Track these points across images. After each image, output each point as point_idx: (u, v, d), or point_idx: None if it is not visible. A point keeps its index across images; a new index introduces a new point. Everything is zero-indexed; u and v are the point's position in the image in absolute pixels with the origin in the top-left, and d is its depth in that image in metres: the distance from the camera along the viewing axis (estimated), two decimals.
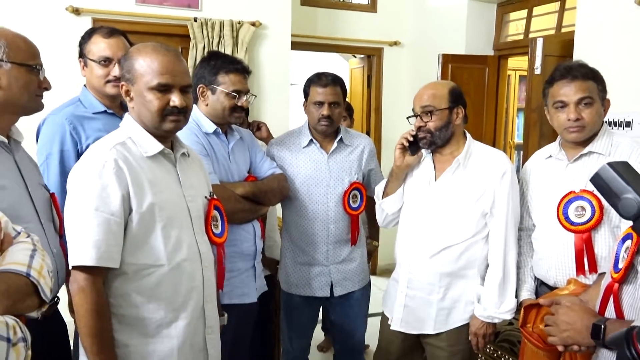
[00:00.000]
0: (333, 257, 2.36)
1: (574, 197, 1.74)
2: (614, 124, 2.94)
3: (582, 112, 1.74)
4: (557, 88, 1.79)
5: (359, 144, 2.42)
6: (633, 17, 2.82)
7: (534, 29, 4.04)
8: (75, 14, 3.42)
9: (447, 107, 1.94)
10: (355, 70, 5.46)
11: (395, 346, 2.11)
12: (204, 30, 3.63)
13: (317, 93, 2.27)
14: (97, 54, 1.98)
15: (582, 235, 1.72)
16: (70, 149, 1.90)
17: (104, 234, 1.32)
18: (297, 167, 2.33)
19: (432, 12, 4.63)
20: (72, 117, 1.92)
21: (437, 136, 1.95)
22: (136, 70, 1.41)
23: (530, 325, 1.55)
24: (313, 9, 4.64)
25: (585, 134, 1.77)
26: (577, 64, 1.82)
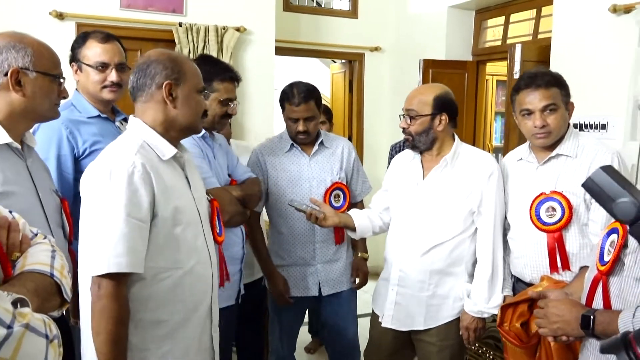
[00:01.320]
0: (320, 256, 2.41)
1: (544, 199, 1.82)
2: (590, 126, 3.05)
3: (547, 118, 1.82)
4: (522, 96, 1.86)
5: (339, 145, 2.48)
6: (607, 24, 2.94)
7: (511, 35, 4.16)
8: (59, 18, 3.41)
9: (430, 114, 1.99)
10: (336, 76, 5.52)
11: (386, 343, 2.16)
12: (189, 35, 3.65)
13: (291, 110, 2.32)
14: (93, 59, 1.97)
15: (553, 235, 1.80)
16: (67, 153, 1.89)
17: (136, 241, 1.32)
18: (281, 171, 2.38)
19: (412, 19, 4.72)
20: (68, 122, 1.92)
21: (418, 140, 2.01)
22: (182, 76, 1.47)
23: (507, 324, 1.61)
24: (295, 15, 4.69)
25: (552, 139, 1.86)
26: (541, 72, 1.89)
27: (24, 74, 1.43)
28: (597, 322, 1.24)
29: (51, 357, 0.79)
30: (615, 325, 1.19)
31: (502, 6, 4.12)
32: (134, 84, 1.47)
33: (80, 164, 1.92)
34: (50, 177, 1.66)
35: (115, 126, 2.09)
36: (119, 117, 2.12)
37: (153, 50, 1.52)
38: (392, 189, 2.19)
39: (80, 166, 1.93)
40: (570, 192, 1.80)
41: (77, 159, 1.93)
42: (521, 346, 1.54)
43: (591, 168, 1.78)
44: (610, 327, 1.21)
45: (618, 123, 2.89)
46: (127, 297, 1.34)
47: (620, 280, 1.26)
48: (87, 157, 1.93)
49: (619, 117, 2.88)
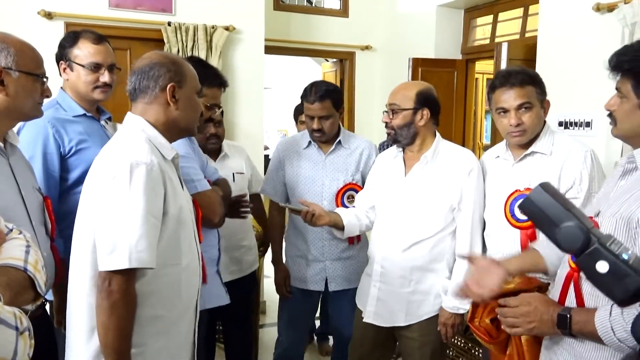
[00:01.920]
0: (329, 252, 2.47)
1: (519, 195, 1.85)
2: (575, 124, 3.08)
3: (522, 116, 1.84)
4: (498, 95, 1.88)
5: (359, 147, 2.52)
6: (591, 22, 2.97)
7: (500, 33, 4.18)
8: (48, 18, 3.41)
9: (412, 108, 2.02)
10: (328, 74, 5.54)
11: (369, 338, 2.19)
12: (177, 34, 3.66)
13: (307, 108, 2.41)
14: (86, 60, 1.98)
15: (526, 232, 1.82)
16: (53, 151, 1.90)
17: (154, 237, 1.36)
18: (298, 167, 2.48)
19: (402, 18, 4.74)
20: (54, 120, 1.92)
21: (399, 134, 2.05)
22: (186, 75, 1.52)
23: (478, 319, 1.62)
24: (286, 14, 4.71)
25: (527, 137, 1.88)
26: (515, 70, 1.91)
27: (7, 73, 1.44)
28: (573, 321, 1.24)
29: (21, 348, 0.81)
30: (592, 325, 1.19)
31: (490, 5, 4.15)
32: (136, 85, 1.48)
33: (67, 162, 1.94)
34: (33, 175, 1.68)
35: (101, 125, 2.10)
36: (104, 116, 2.13)
37: (154, 52, 1.55)
38: (376, 186, 2.22)
39: (66, 164, 1.94)
40: None
41: (63, 157, 1.94)
42: (490, 342, 1.56)
43: (564, 165, 1.81)
44: (587, 327, 1.21)
45: (602, 121, 2.92)
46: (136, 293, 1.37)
47: None
48: (73, 155, 1.94)
49: (603, 115, 2.89)
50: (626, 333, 1.13)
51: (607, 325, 1.16)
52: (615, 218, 1.22)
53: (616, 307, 1.16)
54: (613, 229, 1.21)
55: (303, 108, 2.48)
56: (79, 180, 1.94)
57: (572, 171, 1.79)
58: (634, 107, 1.24)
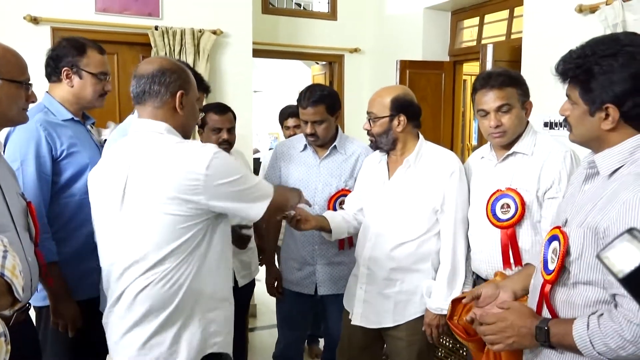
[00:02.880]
0: (319, 257, 2.48)
1: (500, 195, 1.86)
2: (560, 124, 3.11)
3: (501, 118, 1.86)
4: (479, 97, 1.90)
5: (355, 152, 2.51)
6: (574, 23, 3.00)
7: (487, 35, 4.22)
8: (34, 23, 3.41)
9: (388, 116, 2.04)
10: (317, 77, 5.56)
11: (357, 339, 2.20)
12: (165, 38, 3.66)
13: (301, 112, 2.42)
14: (97, 69, 2.04)
15: (507, 231, 1.84)
16: (46, 154, 1.91)
17: None
18: (292, 170, 2.49)
19: (390, 20, 4.77)
20: (46, 124, 1.93)
21: (379, 141, 2.07)
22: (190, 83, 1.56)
23: (457, 317, 1.63)
24: (275, 17, 4.73)
25: (507, 138, 1.89)
26: (496, 72, 1.93)
27: None
28: (552, 334, 1.23)
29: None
30: (571, 338, 1.19)
31: (476, 7, 4.18)
32: (146, 88, 1.50)
33: (58, 165, 1.95)
34: (16, 181, 1.68)
35: (87, 129, 2.12)
36: (89, 121, 2.16)
37: (162, 58, 1.64)
38: (363, 190, 2.23)
39: (58, 167, 1.95)
40: (524, 189, 1.84)
41: (55, 160, 1.95)
42: (468, 339, 1.57)
43: (544, 165, 1.83)
44: (565, 340, 1.21)
45: None
46: None
47: (566, 289, 1.26)
48: (65, 158, 1.96)
49: None
50: (605, 347, 1.13)
51: (585, 338, 1.16)
52: (583, 229, 1.20)
53: (594, 318, 1.16)
54: (582, 239, 1.20)
55: (290, 112, 2.50)
56: (68, 183, 1.97)
57: (552, 171, 1.81)
58: (583, 114, 1.23)
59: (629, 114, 1.18)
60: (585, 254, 1.20)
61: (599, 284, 1.19)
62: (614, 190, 1.17)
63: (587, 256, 1.19)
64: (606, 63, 1.17)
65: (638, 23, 2.58)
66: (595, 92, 1.19)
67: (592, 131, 1.24)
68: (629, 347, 1.10)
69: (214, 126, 2.43)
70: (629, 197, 1.11)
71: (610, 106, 1.18)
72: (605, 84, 1.17)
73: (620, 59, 1.16)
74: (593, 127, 1.23)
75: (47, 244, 1.84)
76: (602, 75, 1.17)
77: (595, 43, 1.21)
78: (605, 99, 1.18)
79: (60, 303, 1.91)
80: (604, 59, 1.17)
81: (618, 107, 1.18)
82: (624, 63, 1.16)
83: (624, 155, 1.20)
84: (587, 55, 1.20)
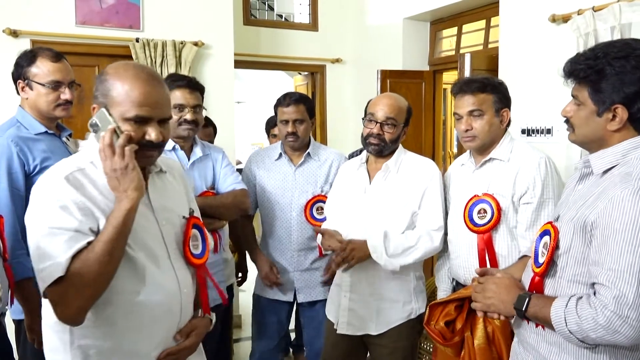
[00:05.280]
0: (297, 264, 2.51)
1: (477, 201, 1.90)
2: (537, 131, 3.17)
3: (472, 123, 1.91)
4: (455, 101, 1.98)
5: (328, 158, 2.57)
6: (548, 33, 3.07)
7: (465, 44, 4.29)
8: (13, 36, 3.39)
9: (403, 123, 2.11)
10: (299, 87, 5.59)
11: (340, 348, 2.21)
12: (146, 50, 3.67)
13: (282, 112, 2.47)
14: (46, 78, 1.98)
15: (483, 236, 1.87)
16: (18, 170, 1.90)
17: None
18: (268, 178, 2.52)
19: (370, 30, 4.83)
20: (17, 139, 1.92)
21: (388, 147, 2.09)
22: (113, 98, 1.28)
23: (434, 322, 1.66)
24: (256, 28, 4.76)
25: (477, 143, 1.94)
26: (473, 79, 2.01)
27: None
28: (531, 304, 1.30)
29: None
30: (547, 311, 1.24)
31: (454, 17, 4.25)
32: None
33: (31, 180, 1.92)
34: None
35: (62, 142, 2.10)
36: (65, 133, 2.14)
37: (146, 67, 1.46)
38: (342, 198, 2.24)
39: (31, 183, 1.92)
40: (500, 195, 1.88)
41: (28, 175, 1.93)
42: (444, 344, 1.60)
43: (520, 171, 1.87)
44: (542, 312, 1.27)
45: (562, 127, 3.00)
46: None
47: (554, 282, 1.31)
48: (38, 173, 1.93)
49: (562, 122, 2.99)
50: (577, 326, 1.18)
51: (561, 315, 1.21)
52: (573, 223, 1.26)
53: (573, 299, 1.21)
54: (572, 232, 1.26)
55: (276, 118, 2.53)
56: None
57: (526, 177, 1.85)
58: (590, 114, 1.28)
59: (636, 116, 1.24)
60: (573, 247, 1.26)
61: (583, 278, 1.24)
62: (604, 187, 1.23)
63: (574, 250, 1.26)
64: (619, 64, 1.22)
65: (608, 32, 2.65)
66: (605, 92, 1.25)
67: (596, 131, 1.28)
68: (599, 330, 1.16)
69: None
70: (615, 194, 1.17)
71: (620, 107, 1.24)
72: (617, 85, 1.23)
73: (633, 61, 1.22)
74: (598, 128, 1.28)
75: (22, 259, 1.81)
76: (614, 76, 1.23)
77: (606, 46, 1.27)
78: (616, 99, 1.23)
79: (35, 319, 1.89)
80: (616, 61, 1.23)
81: (627, 108, 1.23)
82: (635, 65, 1.21)
83: (617, 157, 1.26)
84: (598, 57, 1.25)
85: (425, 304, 2.17)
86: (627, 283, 1.13)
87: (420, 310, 2.14)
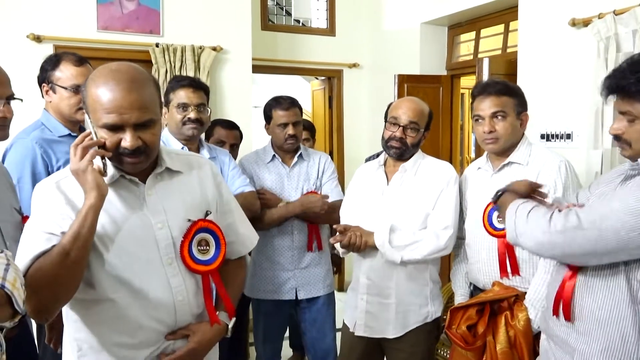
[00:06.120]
0: (297, 262, 2.53)
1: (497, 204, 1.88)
2: (556, 136, 3.14)
3: (495, 125, 1.90)
4: (476, 103, 1.96)
5: (316, 158, 2.63)
6: (568, 37, 3.05)
7: (483, 49, 4.26)
8: (37, 41, 3.46)
9: (424, 128, 2.11)
10: (316, 92, 5.61)
11: (357, 352, 2.20)
12: (165, 55, 3.71)
13: (280, 116, 2.49)
14: (68, 82, 2.01)
15: (504, 240, 1.84)
16: (42, 171, 1.93)
17: None
18: (262, 180, 2.54)
19: (387, 35, 4.83)
20: (42, 141, 1.96)
21: (410, 151, 2.09)
22: (88, 105, 1.28)
23: (455, 326, 1.65)
24: (274, 34, 4.79)
25: (500, 145, 1.92)
26: (493, 81, 2.00)
27: None
28: (503, 195, 1.52)
29: None
30: (511, 201, 1.43)
31: (472, 22, 4.24)
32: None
33: None
34: (13, 195, 1.70)
35: None
36: None
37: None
38: (358, 199, 2.24)
39: None
40: None
41: None
42: (466, 348, 1.59)
43: (540, 175, 1.85)
44: (507, 200, 1.46)
45: (582, 132, 2.98)
46: None
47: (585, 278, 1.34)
48: None
49: (582, 127, 2.96)
50: (513, 224, 1.38)
51: (514, 207, 1.39)
52: None
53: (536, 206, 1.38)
54: None
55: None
56: None
57: (547, 180, 1.83)
58: None
59: None
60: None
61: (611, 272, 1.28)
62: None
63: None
64: None
65: (630, 36, 2.62)
66: None
67: None
68: (524, 237, 1.32)
69: (219, 139, 2.52)
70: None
71: None
72: None
73: None
74: None
75: None
76: None
77: None
78: None
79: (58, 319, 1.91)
80: None
81: None
82: None
83: None
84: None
85: (442, 308, 2.16)
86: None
87: (436, 314, 2.12)
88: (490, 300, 1.67)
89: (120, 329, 1.33)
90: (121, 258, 1.31)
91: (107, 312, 1.32)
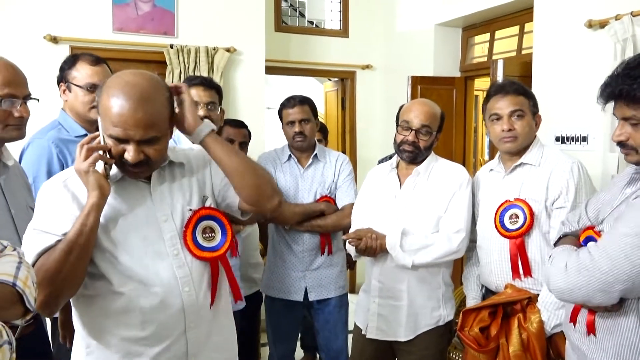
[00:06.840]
0: (309, 263, 2.53)
1: (509, 206, 1.88)
2: (572, 139, 3.10)
3: (514, 123, 1.90)
4: (492, 103, 1.94)
5: (333, 159, 2.62)
6: (584, 39, 3.01)
7: (498, 51, 4.23)
8: (53, 42, 3.50)
9: (436, 131, 2.10)
10: (329, 93, 5.61)
11: (368, 354, 2.20)
12: (180, 56, 3.74)
13: (288, 114, 2.51)
14: (83, 81, 2.04)
15: (515, 241, 1.84)
16: (57, 171, 1.93)
17: None
18: (277, 180, 2.54)
19: (401, 37, 4.81)
20: (58, 141, 1.98)
21: (422, 154, 2.09)
22: (99, 110, 1.32)
23: (468, 328, 1.64)
24: (287, 35, 4.80)
25: (518, 144, 1.91)
26: (510, 81, 2.00)
27: None
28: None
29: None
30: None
31: (487, 23, 4.21)
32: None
33: None
34: (29, 194, 1.72)
35: None
36: None
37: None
38: (370, 202, 2.24)
39: None
40: (532, 199, 1.85)
41: None
42: (479, 350, 1.57)
43: (552, 176, 1.84)
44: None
45: (598, 135, 2.94)
46: None
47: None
48: None
49: (599, 130, 2.93)
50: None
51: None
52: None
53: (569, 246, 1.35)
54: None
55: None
56: None
57: (559, 182, 1.82)
58: None
59: None
60: None
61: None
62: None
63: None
64: None
65: None
66: None
67: None
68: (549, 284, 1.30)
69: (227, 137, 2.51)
70: None
71: None
72: None
73: None
74: None
75: None
76: None
77: None
78: None
79: (67, 315, 1.94)
80: None
81: None
82: None
83: None
84: None
85: (454, 311, 2.15)
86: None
87: (448, 318, 2.11)
88: (503, 303, 1.65)
89: (129, 323, 1.34)
90: (128, 252, 1.34)
91: (114, 306, 1.33)
